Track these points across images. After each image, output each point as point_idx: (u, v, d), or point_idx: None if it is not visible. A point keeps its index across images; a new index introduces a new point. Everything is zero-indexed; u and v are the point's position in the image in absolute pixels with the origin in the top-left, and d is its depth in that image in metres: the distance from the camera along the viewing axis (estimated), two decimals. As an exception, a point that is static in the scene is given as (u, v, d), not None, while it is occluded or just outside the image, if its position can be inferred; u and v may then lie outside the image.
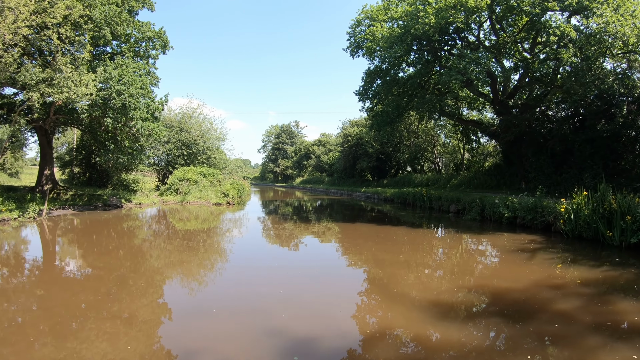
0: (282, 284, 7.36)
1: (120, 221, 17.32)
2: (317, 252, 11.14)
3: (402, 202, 27.63)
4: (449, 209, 21.69)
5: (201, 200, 25.81)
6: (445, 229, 15.86)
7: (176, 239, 13.13)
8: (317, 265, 9.07)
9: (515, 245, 11.64)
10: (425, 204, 24.13)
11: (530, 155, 23.69)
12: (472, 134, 31.18)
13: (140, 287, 7.18)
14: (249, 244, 12.42)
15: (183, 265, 9.23)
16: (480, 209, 18.88)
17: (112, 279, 7.60)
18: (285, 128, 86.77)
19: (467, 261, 9.57)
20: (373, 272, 8.33)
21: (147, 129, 19.22)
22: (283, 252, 11.39)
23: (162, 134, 21.72)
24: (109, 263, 9.17)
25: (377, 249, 11.18)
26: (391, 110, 22.23)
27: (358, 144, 40.35)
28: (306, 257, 10.44)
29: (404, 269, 8.48)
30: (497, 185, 26.22)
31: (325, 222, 17.47)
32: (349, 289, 7.26)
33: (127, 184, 28.73)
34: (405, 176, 37.29)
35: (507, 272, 8.46)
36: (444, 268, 8.97)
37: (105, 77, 18.32)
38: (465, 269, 8.59)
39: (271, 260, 9.83)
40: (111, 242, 12.39)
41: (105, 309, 5.73)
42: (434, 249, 11.48)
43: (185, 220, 18.27)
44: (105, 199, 24.36)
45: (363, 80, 23.49)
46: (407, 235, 14.10)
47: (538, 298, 6.43)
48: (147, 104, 20.09)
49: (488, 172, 28.75)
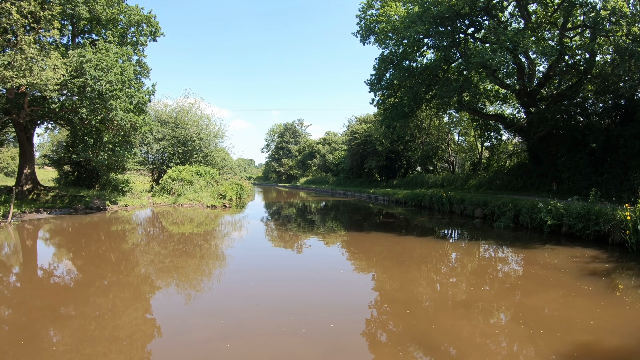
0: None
1: (96, 228, 14.91)
2: (320, 282, 8.60)
3: (417, 205, 25.00)
4: (474, 214, 19.06)
5: (195, 202, 23.39)
6: (478, 241, 13.23)
7: (153, 252, 10.67)
8: (318, 311, 6.50)
9: (578, 265, 9.03)
10: (445, 208, 21.50)
11: (564, 153, 20.99)
12: (493, 130, 28.45)
13: (93, 322, 4.71)
14: (235, 268, 9.91)
15: (154, 296, 6.76)
16: (513, 214, 16.25)
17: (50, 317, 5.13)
18: (289, 127, 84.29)
19: (539, 299, 6.85)
20: (404, 324, 5.77)
21: (128, 121, 16.79)
22: (277, 281, 8.87)
23: (147, 127, 19.31)
24: (57, 291, 6.71)
25: (400, 275, 8.62)
26: (407, 102, 19.61)
27: (366, 142, 37.72)
28: (307, 295, 7.90)
29: (444, 315, 5.93)
30: (523, 187, 23.51)
31: (331, 231, 14.69)
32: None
33: (116, 184, 26.37)
34: (416, 176, 34.62)
35: (600, 315, 5.85)
36: (509, 311, 6.37)
37: (80, 61, 15.92)
38: (542, 316, 5.92)
39: (263, 302, 7.19)
40: (75, 256, 9.95)
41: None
42: (480, 277, 8.88)
43: (170, 226, 15.82)
44: (88, 200, 22.03)
45: (375, 68, 20.90)
46: (434, 250, 11.52)
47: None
48: (130, 94, 17.68)
49: (511, 172, 26.02)
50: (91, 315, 5.59)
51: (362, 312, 6.00)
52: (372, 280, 8.17)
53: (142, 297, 6.66)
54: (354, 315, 5.83)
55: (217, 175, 29.69)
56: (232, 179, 31.65)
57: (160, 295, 6.87)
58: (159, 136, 31.10)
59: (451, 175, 32.36)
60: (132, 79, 17.89)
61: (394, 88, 23.63)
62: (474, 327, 5.35)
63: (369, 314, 5.95)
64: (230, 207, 22.67)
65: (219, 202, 22.64)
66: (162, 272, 8.48)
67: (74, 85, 16.13)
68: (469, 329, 5.26)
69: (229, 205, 22.63)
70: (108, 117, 16.03)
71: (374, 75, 21.02)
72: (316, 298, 6.70)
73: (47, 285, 7.46)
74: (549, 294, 6.84)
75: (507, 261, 10.18)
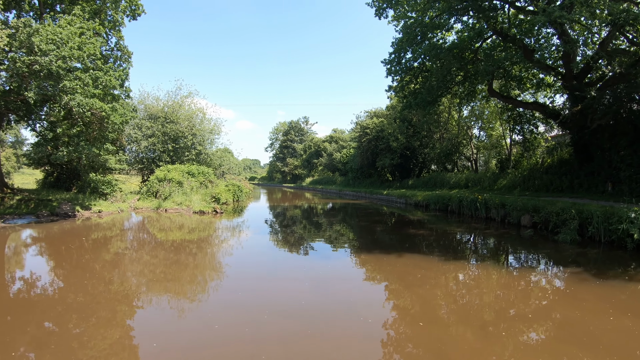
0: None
1: (47, 242, 11.58)
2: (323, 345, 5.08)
3: (442, 209, 21.37)
4: (520, 222, 15.44)
5: (182, 206, 20.04)
6: (559, 268, 9.57)
7: (93, 283, 7.26)
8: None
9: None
10: (480, 213, 17.86)
11: (623, 147, 17.33)
12: (527, 122, 24.70)
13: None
14: (206, 311, 6.46)
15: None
16: (578, 223, 12.63)
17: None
18: (293, 125, 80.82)
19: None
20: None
21: (88, 109, 13.45)
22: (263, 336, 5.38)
23: (121, 119, 15.99)
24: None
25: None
26: (435, 83, 16.02)
27: (378, 138, 34.05)
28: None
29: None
30: (569, 188, 19.80)
31: (347, 254, 10.35)
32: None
33: (96, 186, 23.09)
34: (435, 176, 30.91)
35: None
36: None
37: (27, 32, 12.61)
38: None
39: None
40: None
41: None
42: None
43: (138, 242, 12.43)
44: (55, 205, 18.79)
45: (394, 45, 17.32)
46: (498, 287, 7.94)
47: None
48: (94, 76, 14.35)
49: (551, 170, 22.26)
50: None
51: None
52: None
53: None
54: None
55: (212, 175, 26.36)
56: (230, 180, 28.31)
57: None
58: (148, 132, 27.86)
59: (475, 174, 28.66)
60: (97, 58, 14.55)
61: (414, 72, 20.08)
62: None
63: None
64: (223, 212, 19.20)
65: (209, 207, 19.21)
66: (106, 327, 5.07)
67: (22, 63, 12.84)
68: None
69: (221, 211, 19.16)
70: (61, 102, 12.66)
71: (393, 54, 17.44)
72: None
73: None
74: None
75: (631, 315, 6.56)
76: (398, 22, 19.40)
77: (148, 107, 30.05)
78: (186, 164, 26.29)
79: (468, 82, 17.48)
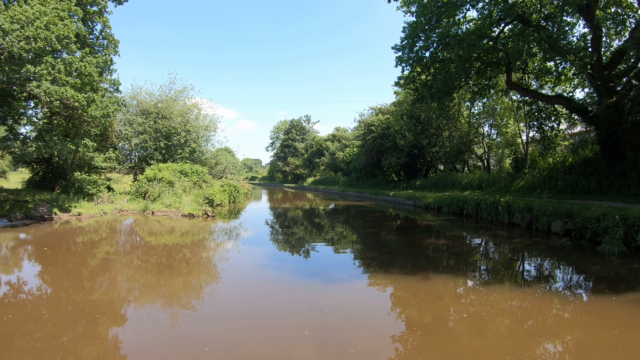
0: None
1: (9, 252, 9.86)
2: None
3: (456, 213, 19.56)
4: (550, 228, 13.62)
5: (171, 208, 18.29)
6: (624, 290, 7.76)
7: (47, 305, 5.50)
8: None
9: None
10: (501, 218, 16.03)
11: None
12: (547, 117, 22.84)
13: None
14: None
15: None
16: (623, 231, 10.82)
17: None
18: (295, 123, 78.99)
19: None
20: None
21: (57, 97, 11.71)
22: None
23: (97, 111, 14.27)
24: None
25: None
26: (455, 71, 14.21)
27: (384, 136, 32.20)
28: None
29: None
30: (598, 189, 17.97)
31: (353, 274, 8.13)
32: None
33: (80, 186, 21.36)
34: (444, 176, 29.05)
35: None
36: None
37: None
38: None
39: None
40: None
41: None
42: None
43: (113, 250, 10.68)
44: (31, 207, 17.08)
45: (407, 29, 15.52)
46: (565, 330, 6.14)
47: None
48: (67, 61, 12.62)
49: (574, 170, 20.40)
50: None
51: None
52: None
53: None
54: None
55: (207, 175, 24.62)
56: (227, 180, 26.57)
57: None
58: (140, 129, 26.13)
59: (487, 174, 26.82)
60: (71, 41, 12.80)
61: (426, 62, 18.30)
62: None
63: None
64: (215, 216, 17.39)
65: (199, 210, 17.42)
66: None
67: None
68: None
69: (213, 214, 17.36)
70: (24, 90, 10.92)
71: (405, 39, 15.64)
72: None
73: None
74: None
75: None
76: (408, 7, 17.64)
77: (141, 103, 28.33)
78: (179, 163, 24.56)
79: (490, 70, 15.67)
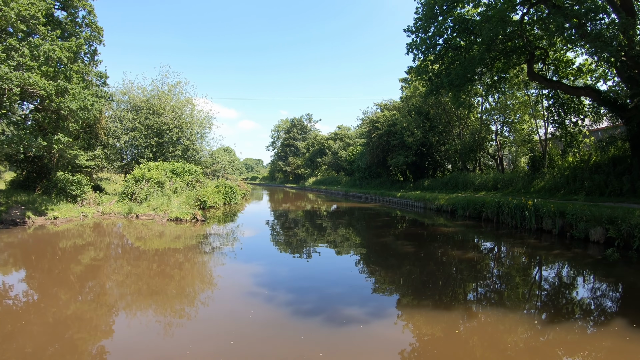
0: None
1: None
2: None
3: (473, 217, 17.76)
4: (588, 236, 11.80)
5: (157, 211, 16.55)
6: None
7: None
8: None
9: None
10: (527, 223, 14.18)
11: None
12: (572, 112, 20.98)
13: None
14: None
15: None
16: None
17: None
18: (296, 122, 77.18)
19: None
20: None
21: (17, 83, 9.99)
22: None
23: (73, 103, 12.56)
24: None
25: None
26: (478, 54, 12.42)
27: (390, 133, 30.36)
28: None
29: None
30: (631, 191, 16.14)
31: (369, 308, 5.91)
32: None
33: (63, 186, 19.66)
34: (455, 176, 27.20)
35: None
36: None
37: None
38: None
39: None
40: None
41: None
42: None
43: (77, 264, 8.93)
44: (2, 210, 15.38)
45: (422, 8, 13.69)
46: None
47: None
48: (32, 44, 10.90)
49: (600, 169, 18.58)
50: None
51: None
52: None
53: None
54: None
55: (201, 174, 22.89)
56: (222, 180, 24.84)
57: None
58: (130, 125, 24.43)
59: (502, 174, 25.00)
60: (38, 22, 11.08)
61: (439, 51, 16.54)
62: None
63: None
64: (205, 220, 15.58)
65: (187, 214, 15.64)
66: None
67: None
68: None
69: (202, 219, 15.56)
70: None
71: (419, 20, 13.84)
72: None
73: None
74: None
75: None
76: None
77: (132, 98, 26.62)
78: (171, 162, 22.84)
79: (515, 56, 13.89)
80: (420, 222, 17.54)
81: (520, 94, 24.98)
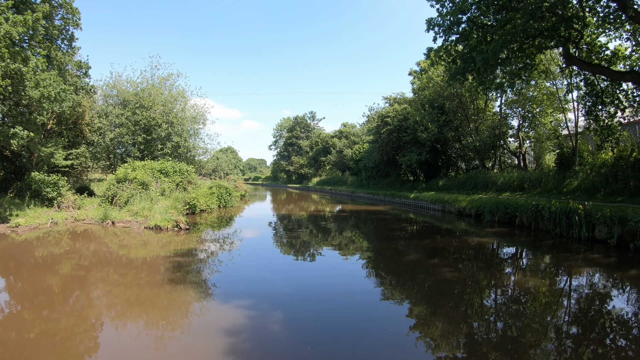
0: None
1: None
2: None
3: (504, 222, 15.33)
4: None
5: (137, 217, 14.28)
6: None
7: None
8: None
9: None
10: (574, 230, 11.70)
11: None
12: (608, 103, 18.47)
13: None
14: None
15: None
16: None
17: None
18: (299, 120, 74.82)
19: None
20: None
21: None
22: None
23: (34, 91, 10.35)
24: None
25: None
26: (521, 22, 10.04)
27: (401, 129, 27.93)
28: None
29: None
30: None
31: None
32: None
33: (38, 187, 17.48)
34: (473, 175, 24.73)
35: None
36: None
37: None
38: None
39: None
40: None
41: None
42: None
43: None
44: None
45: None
46: None
47: None
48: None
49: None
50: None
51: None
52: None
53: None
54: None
55: (193, 174, 20.64)
56: (217, 180, 22.58)
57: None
58: (117, 121, 22.23)
59: (526, 172, 22.53)
60: None
61: (464, 30, 14.18)
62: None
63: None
64: (189, 229, 13.21)
65: (169, 221, 13.31)
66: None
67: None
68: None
69: (187, 227, 13.21)
70: None
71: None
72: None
73: None
74: None
75: None
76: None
77: (121, 92, 24.42)
78: (160, 160, 20.61)
79: (564, 27, 11.49)
80: (445, 229, 15.14)
81: (549, 84, 22.51)
